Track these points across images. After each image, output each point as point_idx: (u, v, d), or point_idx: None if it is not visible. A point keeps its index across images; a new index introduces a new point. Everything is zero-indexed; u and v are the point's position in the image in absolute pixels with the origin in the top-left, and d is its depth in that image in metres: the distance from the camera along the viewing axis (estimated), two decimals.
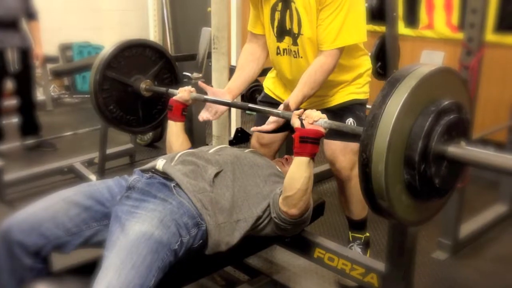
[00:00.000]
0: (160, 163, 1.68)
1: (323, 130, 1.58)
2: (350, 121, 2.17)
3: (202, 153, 1.76)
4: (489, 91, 3.57)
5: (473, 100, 2.43)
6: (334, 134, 2.17)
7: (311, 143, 1.57)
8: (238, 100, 4.19)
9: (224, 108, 2.10)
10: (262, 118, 2.35)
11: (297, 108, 1.89)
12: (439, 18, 4.13)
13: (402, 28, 4.05)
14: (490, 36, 3.52)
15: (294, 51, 2.09)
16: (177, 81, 2.54)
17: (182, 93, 2.06)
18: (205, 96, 2.06)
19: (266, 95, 2.38)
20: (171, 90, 2.20)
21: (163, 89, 2.31)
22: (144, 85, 2.38)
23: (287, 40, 2.09)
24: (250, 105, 1.90)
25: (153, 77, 2.43)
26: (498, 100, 3.85)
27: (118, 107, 2.40)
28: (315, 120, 1.58)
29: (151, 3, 4.74)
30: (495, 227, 2.90)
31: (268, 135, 2.33)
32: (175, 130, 2.04)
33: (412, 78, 1.20)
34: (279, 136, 2.35)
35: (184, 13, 6.35)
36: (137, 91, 2.39)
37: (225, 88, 2.19)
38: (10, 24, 3.71)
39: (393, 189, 1.22)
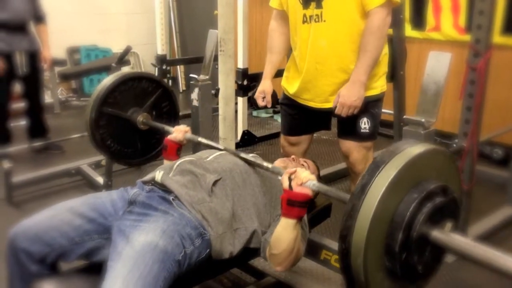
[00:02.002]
0: (158, 175, 1.67)
1: (310, 194, 1.53)
2: (364, 120, 2.20)
3: (200, 161, 1.74)
4: (496, 93, 3.56)
5: (480, 103, 2.43)
6: (349, 134, 2.23)
7: (298, 207, 1.52)
8: (245, 102, 4.20)
9: (270, 91, 2.33)
10: (287, 117, 2.43)
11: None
12: (446, 20, 4.11)
13: (409, 31, 4.03)
14: (498, 38, 3.50)
15: (317, 15, 2.11)
16: (175, 110, 2.51)
17: (177, 134, 2.04)
18: (199, 139, 2.05)
19: (284, 96, 2.44)
20: (167, 128, 2.18)
21: (159, 125, 2.28)
22: (142, 118, 2.32)
23: (312, 5, 2.11)
24: (242, 154, 1.84)
25: (150, 108, 2.38)
26: (506, 102, 3.83)
27: (116, 141, 2.35)
28: (304, 181, 1.52)
29: (158, 7, 4.76)
30: (503, 229, 2.88)
31: (294, 136, 2.43)
32: None
33: (391, 167, 1.14)
34: (304, 137, 2.43)
35: (191, 16, 6.38)
36: (134, 124, 2.34)
37: (264, 74, 2.39)
38: (18, 28, 3.73)
39: (373, 279, 1.19)
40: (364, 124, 2.20)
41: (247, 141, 4.34)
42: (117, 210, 1.60)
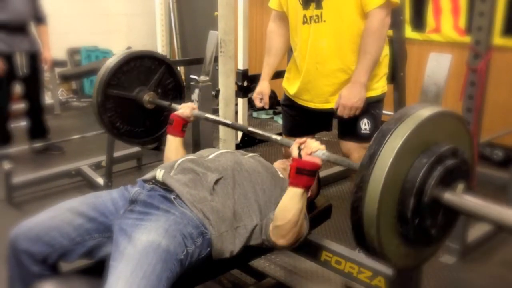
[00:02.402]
0: (159, 173, 1.67)
1: (320, 162, 1.54)
2: (365, 122, 2.20)
3: (201, 160, 1.74)
4: (497, 94, 3.56)
5: (481, 104, 2.43)
6: (349, 135, 2.23)
7: (306, 175, 1.53)
8: (245, 103, 4.20)
9: (267, 93, 2.33)
10: (288, 117, 2.45)
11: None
12: (446, 22, 4.11)
13: (409, 32, 4.03)
14: (498, 39, 3.50)
15: (317, 15, 2.11)
16: (180, 85, 2.52)
17: (184, 109, 2.06)
18: (207, 115, 2.06)
19: (285, 97, 2.44)
20: (173, 105, 2.19)
21: (166, 103, 2.29)
22: (148, 97, 2.34)
23: (312, 6, 2.12)
24: (250, 128, 1.88)
25: (155, 86, 2.38)
26: (506, 103, 3.83)
27: (125, 122, 2.37)
28: (313, 151, 1.54)
29: (158, 8, 4.77)
30: (503, 231, 2.87)
31: (295, 137, 2.40)
32: (174, 146, 2.02)
33: (398, 136, 1.14)
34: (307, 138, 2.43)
35: (191, 17, 6.38)
36: (141, 104, 2.35)
37: (262, 76, 2.40)
38: (18, 28, 3.73)
39: (389, 247, 1.20)
40: (365, 125, 2.20)
41: (247, 142, 4.34)
42: (118, 209, 1.60)
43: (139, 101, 2.33)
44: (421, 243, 1.25)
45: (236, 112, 4.03)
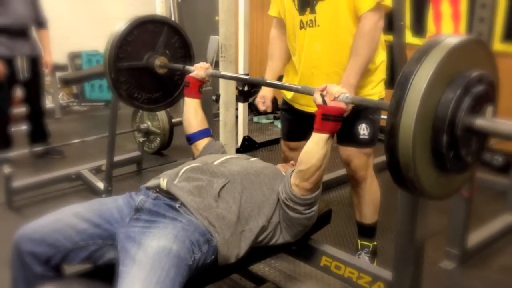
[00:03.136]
0: (163, 182, 1.66)
1: (344, 106, 1.56)
2: (363, 127, 2.20)
3: (207, 166, 1.74)
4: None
5: None
6: (348, 141, 2.23)
7: (332, 121, 1.55)
8: (246, 108, 4.21)
9: (270, 96, 2.37)
10: (286, 122, 2.48)
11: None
12: (447, 27, 4.12)
13: (409, 37, 4.04)
14: (498, 45, 3.51)
15: (311, 20, 2.13)
16: (186, 42, 2.49)
17: (198, 70, 2.07)
18: (222, 72, 2.07)
19: (284, 101, 2.46)
20: (187, 67, 2.18)
21: (179, 66, 2.28)
22: (159, 61, 2.32)
23: (307, 11, 2.13)
24: (268, 81, 1.92)
25: (163, 48, 2.37)
26: (506, 109, 3.81)
27: (142, 91, 2.36)
28: (336, 96, 1.55)
29: (159, 12, 4.77)
30: (503, 237, 2.88)
31: (294, 142, 2.46)
32: (193, 107, 2.06)
33: (421, 77, 1.13)
34: (304, 143, 2.44)
35: (192, 22, 6.38)
36: (153, 69, 2.34)
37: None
38: (20, 32, 3.75)
39: (428, 183, 1.23)
40: (363, 130, 2.21)
41: (248, 146, 4.34)
42: (123, 217, 1.59)
43: (151, 67, 2.32)
44: (457, 170, 1.28)
45: (237, 117, 4.03)
